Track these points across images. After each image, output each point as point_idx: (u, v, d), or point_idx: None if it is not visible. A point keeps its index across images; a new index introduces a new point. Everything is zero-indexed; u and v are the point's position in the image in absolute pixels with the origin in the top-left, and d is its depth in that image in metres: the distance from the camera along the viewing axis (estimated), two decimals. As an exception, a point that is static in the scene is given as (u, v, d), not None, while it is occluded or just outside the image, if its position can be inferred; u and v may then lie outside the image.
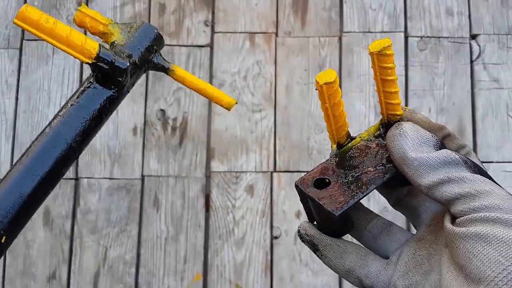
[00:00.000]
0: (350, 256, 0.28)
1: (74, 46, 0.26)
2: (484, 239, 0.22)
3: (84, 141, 0.27)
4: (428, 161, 0.25)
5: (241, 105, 1.02)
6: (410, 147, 0.26)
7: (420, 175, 0.25)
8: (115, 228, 0.98)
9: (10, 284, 0.96)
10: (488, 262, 0.22)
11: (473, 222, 0.23)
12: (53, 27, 0.25)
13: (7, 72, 1.04)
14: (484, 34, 1.04)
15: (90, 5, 1.07)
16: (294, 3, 1.06)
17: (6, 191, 0.27)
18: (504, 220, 0.23)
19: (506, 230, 0.22)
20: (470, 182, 0.24)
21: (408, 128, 0.27)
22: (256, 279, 0.96)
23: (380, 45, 0.27)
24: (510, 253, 0.21)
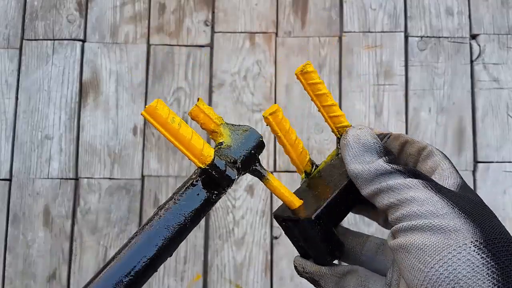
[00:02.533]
0: (350, 283, 0.28)
1: (192, 150, 0.27)
2: (406, 249, 0.23)
3: (178, 241, 0.28)
4: (363, 174, 0.26)
5: (241, 105, 1.02)
6: (351, 159, 0.27)
7: (360, 186, 0.27)
8: (115, 228, 0.98)
9: (10, 284, 0.96)
10: (413, 271, 0.22)
11: (398, 232, 0.24)
12: (178, 128, 0.26)
13: (7, 72, 1.03)
14: (484, 34, 1.04)
15: (90, 4, 1.07)
16: (294, 3, 1.06)
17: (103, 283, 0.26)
18: (419, 226, 0.23)
19: (421, 236, 0.22)
20: (396, 191, 0.25)
21: (350, 138, 0.28)
22: (256, 279, 0.96)
23: (302, 66, 0.30)
24: (427, 258, 0.22)
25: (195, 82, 1.03)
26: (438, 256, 0.21)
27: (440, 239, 0.22)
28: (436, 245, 0.22)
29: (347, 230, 0.32)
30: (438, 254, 0.21)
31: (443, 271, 0.21)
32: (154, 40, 1.05)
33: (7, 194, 0.99)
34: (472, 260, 0.21)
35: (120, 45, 1.04)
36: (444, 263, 0.21)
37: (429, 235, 0.22)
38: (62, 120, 1.02)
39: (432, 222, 0.23)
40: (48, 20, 1.06)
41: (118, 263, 0.27)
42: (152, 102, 0.25)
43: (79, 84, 1.03)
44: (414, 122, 1.01)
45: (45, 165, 1.00)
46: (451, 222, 0.22)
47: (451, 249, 0.21)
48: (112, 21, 1.06)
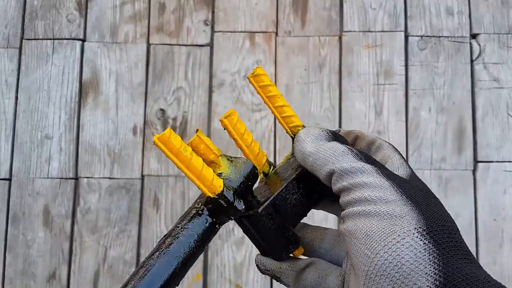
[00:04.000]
0: (308, 276, 0.29)
1: (203, 180, 0.28)
2: (354, 235, 0.23)
3: (186, 268, 0.28)
4: (318, 154, 0.26)
5: (241, 104, 1.02)
6: (306, 145, 0.28)
7: (314, 169, 0.27)
8: (115, 228, 0.98)
9: (10, 284, 0.96)
10: (361, 257, 0.22)
11: (347, 217, 0.24)
12: (190, 157, 0.27)
13: (7, 71, 1.03)
14: (484, 33, 1.04)
15: (90, 4, 1.06)
16: (294, 3, 1.06)
17: None
18: (370, 210, 0.23)
19: (369, 221, 0.23)
20: (349, 174, 0.25)
21: (301, 133, 0.29)
22: (256, 279, 0.96)
23: (253, 70, 0.31)
24: (373, 244, 0.22)
25: (195, 82, 1.03)
26: (384, 242, 0.22)
27: (386, 225, 0.22)
28: (382, 231, 0.22)
29: (305, 224, 0.33)
30: (383, 240, 0.22)
31: (387, 257, 0.21)
32: (154, 39, 1.05)
33: (7, 194, 0.99)
34: (415, 245, 0.21)
35: (120, 45, 1.04)
36: (389, 248, 0.21)
37: (376, 221, 0.23)
38: (62, 119, 1.02)
39: (380, 208, 0.23)
40: (48, 19, 1.06)
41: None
42: (164, 131, 0.26)
43: (79, 83, 1.03)
44: (414, 121, 1.01)
45: (45, 165, 1.00)
46: (398, 209, 0.23)
47: (396, 235, 0.22)
48: (112, 21, 1.06)
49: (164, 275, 0.27)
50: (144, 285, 0.26)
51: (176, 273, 0.27)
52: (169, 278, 0.27)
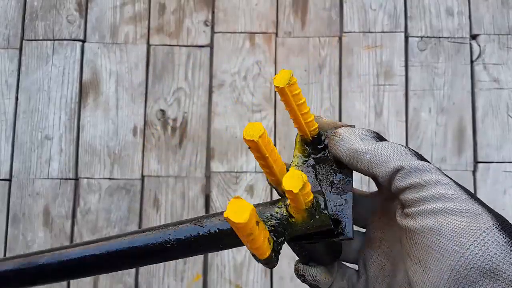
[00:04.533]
0: (342, 282, 0.31)
1: (255, 250, 0.27)
2: (438, 232, 0.24)
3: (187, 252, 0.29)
4: (377, 151, 0.27)
5: (241, 105, 1.02)
6: (357, 143, 0.28)
7: (373, 166, 0.27)
8: (115, 228, 0.98)
9: (10, 284, 0.96)
10: (446, 253, 0.24)
11: (424, 214, 0.25)
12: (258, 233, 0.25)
13: (7, 72, 1.04)
14: (484, 34, 1.04)
15: (90, 5, 1.07)
16: (294, 3, 1.06)
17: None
18: (451, 208, 0.25)
19: (454, 218, 0.24)
20: (418, 171, 0.26)
21: (344, 132, 0.28)
22: (256, 279, 0.96)
23: (285, 77, 0.28)
24: (463, 241, 0.24)
25: (195, 82, 1.03)
26: (472, 238, 0.23)
27: (471, 222, 0.24)
28: (469, 227, 0.24)
29: None
30: (471, 236, 0.23)
31: (478, 251, 0.23)
32: (154, 40, 1.05)
33: (7, 194, 0.99)
34: (498, 240, 0.23)
35: (120, 46, 1.04)
36: (478, 243, 0.23)
37: (461, 218, 0.24)
38: (62, 120, 1.02)
39: (460, 205, 0.25)
40: (48, 20, 1.06)
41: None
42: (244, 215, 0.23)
43: (79, 84, 1.03)
44: (414, 122, 1.01)
45: (45, 165, 1.00)
46: (474, 207, 0.25)
47: (481, 231, 0.24)
48: (112, 21, 1.06)
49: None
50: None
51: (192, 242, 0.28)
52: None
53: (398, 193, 0.27)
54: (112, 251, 0.29)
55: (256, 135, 0.26)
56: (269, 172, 0.29)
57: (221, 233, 0.28)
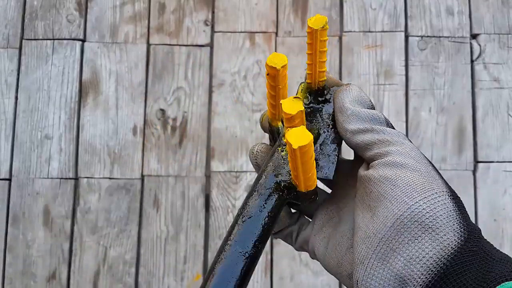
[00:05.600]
0: (294, 226, 0.33)
1: (307, 181, 0.28)
2: (393, 182, 0.26)
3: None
4: (360, 113, 0.29)
5: (241, 105, 1.02)
6: (349, 100, 0.30)
7: (349, 122, 0.29)
8: (115, 228, 0.98)
9: (10, 284, 0.96)
10: (396, 202, 0.25)
11: (385, 166, 0.26)
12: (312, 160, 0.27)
13: (7, 71, 1.03)
14: (484, 33, 1.04)
15: (90, 4, 1.06)
16: (294, 3, 1.06)
17: None
18: (411, 165, 0.26)
19: (412, 174, 0.26)
20: (388, 133, 0.28)
21: (354, 88, 0.31)
22: (256, 279, 0.96)
23: (320, 21, 0.29)
24: (414, 194, 0.25)
25: (195, 82, 1.03)
26: (424, 194, 0.25)
27: (427, 182, 0.25)
28: (423, 185, 0.25)
29: None
30: (424, 193, 0.25)
31: (425, 207, 0.24)
32: (154, 40, 1.05)
33: (7, 194, 0.99)
34: (448, 205, 0.25)
35: (120, 45, 1.04)
36: (428, 201, 0.24)
37: (418, 175, 0.26)
38: (62, 119, 1.02)
39: (420, 167, 0.26)
40: (48, 20, 1.06)
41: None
42: (305, 139, 0.25)
43: (78, 84, 1.03)
44: (414, 121, 1.01)
45: (44, 165, 1.00)
46: (433, 172, 0.26)
47: (434, 191, 0.25)
48: (112, 21, 1.06)
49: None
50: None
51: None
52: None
53: (364, 149, 0.28)
54: None
55: (280, 64, 0.28)
56: (274, 105, 0.30)
57: (264, 207, 0.28)
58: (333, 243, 0.30)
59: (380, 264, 0.24)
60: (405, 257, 0.24)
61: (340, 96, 0.30)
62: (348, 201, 0.31)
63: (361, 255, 0.25)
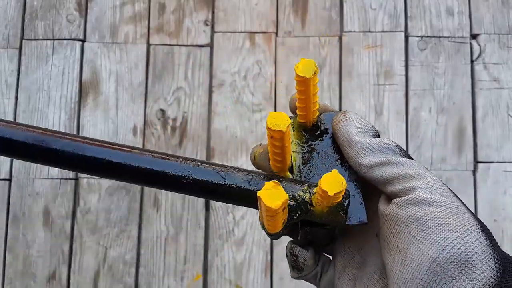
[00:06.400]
0: (318, 267, 0.32)
1: (270, 225, 0.27)
2: (423, 222, 0.25)
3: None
4: (370, 144, 0.28)
5: (241, 105, 1.02)
6: (355, 131, 0.29)
7: (362, 156, 0.28)
8: (115, 228, 0.98)
9: (10, 284, 0.96)
10: (430, 245, 0.24)
11: (412, 204, 0.26)
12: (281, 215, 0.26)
13: (7, 72, 1.03)
14: (484, 33, 1.04)
15: (90, 4, 1.06)
16: (294, 3, 1.06)
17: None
18: (439, 202, 0.25)
19: (442, 211, 0.25)
20: (406, 165, 0.27)
21: (353, 116, 0.29)
22: (256, 279, 0.96)
23: (310, 67, 0.28)
24: (447, 234, 0.24)
25: (195, 82, 1.03)
26: (457, 233, 0.24)
27: (456, 218, 0.25)
28: (454, 222, 0.24)
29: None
30: (456, 231, 0.24)
31: (460, 247, 0.24)
32: (154, 40, 1.05)
33: (7, 194, 0.99)
34: (480, 240, 0.24)
35: (120, 45, 1.04)
36: (462, 239, 0.24)
37: (447, 212, 0.25)
38: (62, 120, 1.02)
39: (447, 201, 0.25)
40: (48, 20, 1.06)
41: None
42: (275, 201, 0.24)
43: (78, 84, 1.03)
44: (414, 122, 1.01)
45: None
46: (459, 205, 0.26)
47: (466, 228, 0.24)
48: (112, 21, 1.06)
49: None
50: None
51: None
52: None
53: (385, 184, 0.27)
54: (129, 164, 0.28)
55: (284, 125, 0.26)
56: (280, 160, 0.29)
57: (239, 191, 0.28)
58: (361, 286, 0.29)
59: None
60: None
61: (343, 128, 0.29)
62: (366, 238, 0.30)
63: None
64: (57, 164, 0.29)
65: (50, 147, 0.28)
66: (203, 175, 0.28)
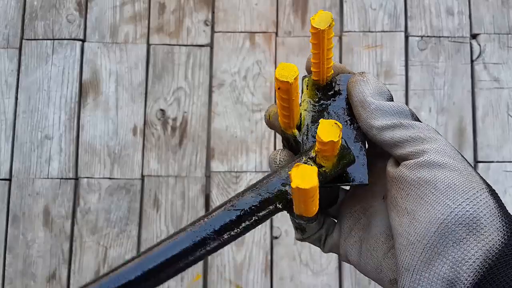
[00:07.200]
0: (322, 230, 0.32)
1: (304, 210, 0.27)
2: (433, 184, 0.25)
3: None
4: (384, 106, 0.27)
5: (241, 105, 1.02)
6: (370, 93, 0.28)
7: (374, 117, 0.27)
8: (115, 228, 0.98)
9: (10, 284, 0.96)
10: (439, 206, 0.24)
11: (421, 166, 0.25)
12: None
13: (7, 72, 1.03)
14: (484, 33, 1.04)
15: (90, 4, 1.06)
16: (294, 3, 1.06)
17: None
18: (449, 164, 0.25)
19: (452, 174, 0.25)
20: (418, 128, 0.27)
21: (370, 77, 0.29)
22: (256, 279, 0.96)
23: (325, 19, 0.28)
24: (456, 196, 0.24)
25: (195, 82, 1.03)
26: (466, 195, 0.24)
27: (466, 181, 0.25)
28: (464, 185, 0.24)
29: None
30: (465, 194, 0.24)
31: (469, 209, 0.24)
32: (154, 40, 1.05)
33: (7, 194, 0.99)
34: (489, 203, 0.24)
35: (120, 45, 1.04)
36: (471, 202, 0.24)
37: (457, 175, 0.25)
38: (62, 120, 1.02)
39: (457, 164, 0.25)
40: (48, 20, 1.06)
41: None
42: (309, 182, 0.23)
43: (78, 84, 1.03)
44: (414, 122, 1.01)
45: (45, 165, 1.00)
46: (469, 168, 0.26)
47: (475, 191, 0.24)
48: (112, 21, 1.06)
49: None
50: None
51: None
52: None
53: (395, 146, 0.27)
54: (154, 266, 0.27)
55: (291, 77, 0.26)
56: (287, 115, 0.28)
57: (255, 208, 0.27)
58: (367, 248, 0.29)
59: (426, 269, 0.24)
60: (451, 260, 0.23)
61: (358, 88, 0.28)
62: (373, 201, 0.30)
63: (406, 262, 0.25)
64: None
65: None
66: (218, 223, 0.26)
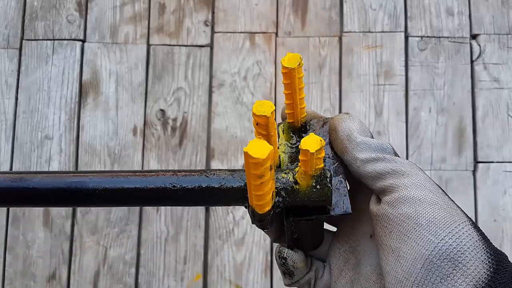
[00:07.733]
0: (311, 273, 0.32)
1: (258, 199, 0.27)
2: (414, 220, 0.25)
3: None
4: (369, 141, 0.28)
5: (241, 105, 1.02)
6: (356, 129, 0.29)
7: (360, 150, 0.28)
8: (115, 228, 0.98)
9: (10, 284, 0.96)
10: (422, 242, 0.24)
11: (402, 202, 0.26)
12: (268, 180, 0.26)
13: (7, 72, 1.03)
14: (484, 34, 1.04)
15: (90, 5, 1.06)
16: (294, 3, 1.06)
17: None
18: (429, 199, 0.25)
19: (433, 208, 0.25)
20: (400, 163, 0.27)
21: (355, 118, 0.30)
22: (256, 279, 0.96)
23: (294, 59, 0.29)
24: (438, 231, 0.24)
25: (195, 82, 1.03)
26: (448, 229, 0.24)
27: (448, 215, 0.24)
28: (445, 219, 0.24)
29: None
30: (447, 228, 0.24)
31: (452, 243, 0.23)
32: (154, 40, 1.05)
33: (7, 194, 0.99)
34: (472, 235, 0.24)
35: (120, 45, 1.04)
36: (453, 235, 0.24)
37: (438, 210, 0.25)
38: (62, 120, 1.02)
39: (438, 198, 0.25)
40: (48, 20, 1.06)
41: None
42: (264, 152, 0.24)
43: (79, 84, 1.03)
44: (414, 122, 1.01)
45: (45, 165, 1.00)
46: (450, 202, 0.26)
47: (457, 224, 0.24)
48: (112, 21, 1.06)
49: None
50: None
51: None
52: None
53: (376, 179, 0.27)
54: (115, 187, 0.28)
55: (268, 111, 0.27)
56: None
57: (226, 188, 0.28)
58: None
59: None
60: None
61: (345, 124, 0.29)
62: (360, 239, 0.30)
63: None
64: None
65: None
66: (189, 182, 0.28)
